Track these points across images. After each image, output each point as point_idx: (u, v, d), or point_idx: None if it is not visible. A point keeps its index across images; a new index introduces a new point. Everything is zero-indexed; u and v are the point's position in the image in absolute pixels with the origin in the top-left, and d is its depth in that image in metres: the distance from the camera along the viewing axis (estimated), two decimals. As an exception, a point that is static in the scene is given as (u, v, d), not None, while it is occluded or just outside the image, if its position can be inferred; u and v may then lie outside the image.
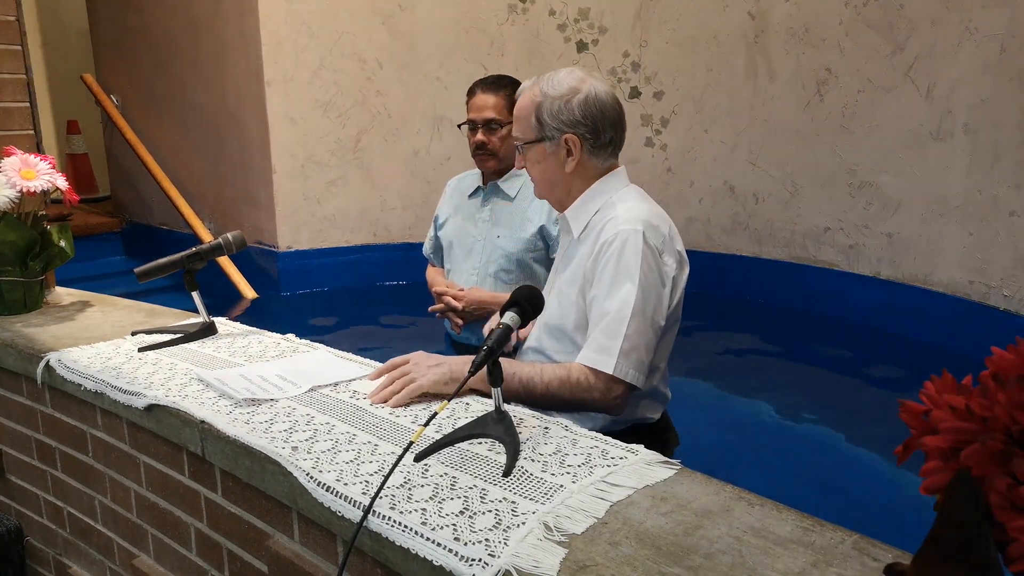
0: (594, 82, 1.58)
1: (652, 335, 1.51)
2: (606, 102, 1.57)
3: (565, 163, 1.59)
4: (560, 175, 1.61)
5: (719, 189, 4.22)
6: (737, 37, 4.01)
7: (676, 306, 1.61)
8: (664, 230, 1.55)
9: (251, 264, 4.38)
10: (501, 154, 2.39)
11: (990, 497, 0.57)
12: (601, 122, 1.57)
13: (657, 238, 1.53)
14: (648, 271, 1.49)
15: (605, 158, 1.61)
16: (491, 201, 2.47)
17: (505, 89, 2.36)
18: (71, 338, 1.77)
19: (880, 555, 0.84)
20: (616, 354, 1.45)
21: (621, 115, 1.61)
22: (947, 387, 0.62)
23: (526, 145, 1.62)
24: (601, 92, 1.57)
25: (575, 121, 1.56)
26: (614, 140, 1.61)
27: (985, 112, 3.19)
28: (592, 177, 1.62)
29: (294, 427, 1.24)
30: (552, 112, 1.56)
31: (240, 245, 1.77)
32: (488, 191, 2.48)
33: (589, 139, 1.58)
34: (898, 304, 3.54)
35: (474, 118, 2.37)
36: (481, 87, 2.39)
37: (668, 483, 1.02)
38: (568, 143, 1.57)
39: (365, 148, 4.39)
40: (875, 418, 2.76)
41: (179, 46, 4.69)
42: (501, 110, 2.35)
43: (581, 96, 1.55)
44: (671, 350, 1.69)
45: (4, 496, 2.00)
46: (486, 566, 0.86)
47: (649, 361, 1.51)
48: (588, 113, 1.55)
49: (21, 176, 1.89)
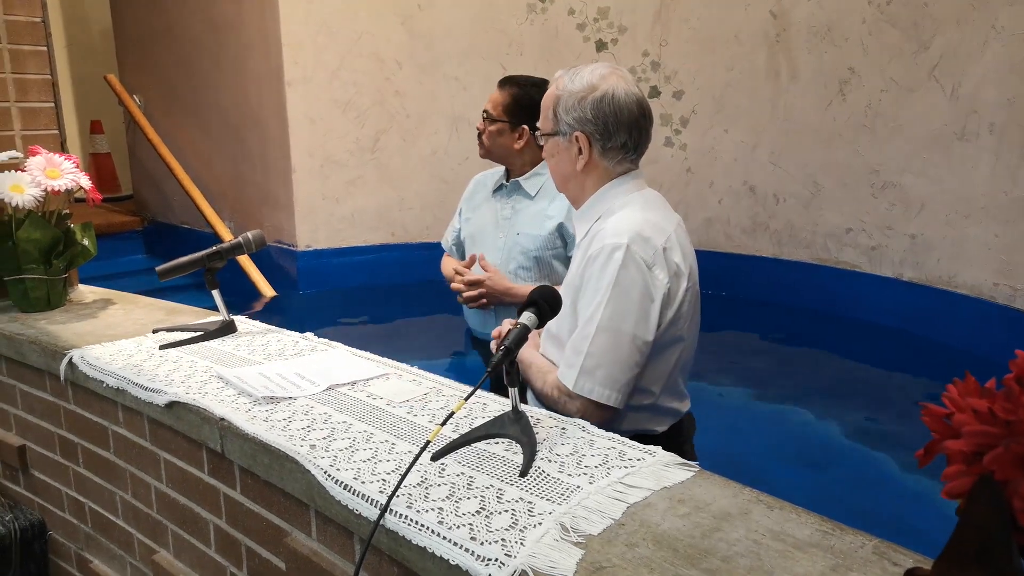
0: (617, 81, 1.53)
1: (631, 351, 1.45)
2: (624, 103, 1.51)
3: (576, 160, 1.56)
4: (572, 171, 1.59)
5: (739, 189, 4.19)
6: (758, 36, 3.98)
7: (678, 321, 1.53)
8: (657, 242, 1.48)
9: (270, 263, 4.41)
10: (487, 147, 2.44)
11: (1013, 502, 0.56)
12: (614, 124, 1.51)
13: (647, 251, 1.46)
14: (630, 285, 1.44)
15: (619, 161, 1.56)
16: (512, 198, 2.49)
17: (509, 88, 2.40)
18: (93, 335, 1.79)
19: (900, 560, 0.83)
20: (577, 370, 1.45)
21: (641, 118, 1.54)
22: (970, 390, 0.61)
23: (544, 136, 1.61)
24: (620, 93, 1.51)
25: (586, 119, 1.52)
26: (629, 144, 1.54)
27: (1011, 112, 3.14)
28: (604, 179, 1.57)
29: (312, 425, 1.24)
30: (567, 107, 1.53)
31: (260, 244, 1.79)
32: (510, 188, 2.49)
33: (599, 139, 1.53)
34: (921, 306, 3.50)
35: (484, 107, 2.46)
36: (499, 82, 2.47)
37: (686, 485, 1.02)
38: (579, 141, 1.54)
39: (383, 148, 4.41)
40: (897, 421, 2.73)
41: (201, 47, 4.73)
42: (496, 106, 2.40)
43: (597, 95, 1.51)
44: (681, 366, 1.61)
45: (28, 491, 2.03)
46: (502, 566, 0.86)
47: (631, 378, 1.47)
48: (600, 113, 1.51)
49: (46, 175, 1.92)
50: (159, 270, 1.75)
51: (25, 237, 1.92)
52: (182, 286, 3.82)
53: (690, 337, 1.61)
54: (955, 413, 0.61)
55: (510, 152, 2.42)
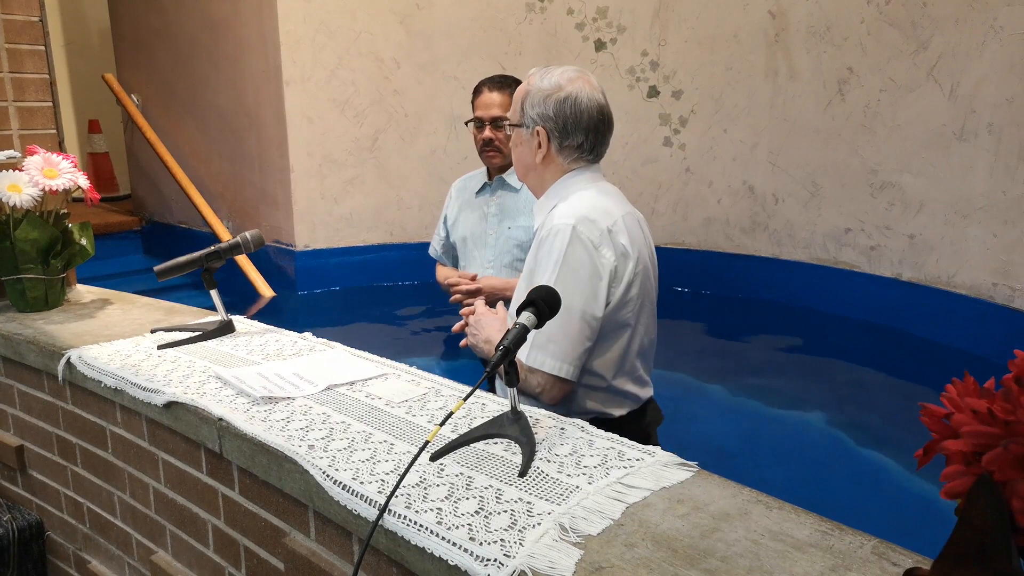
0: (582, 86, 1.63)
1: (581, 326, 1.54)
2: (585, 107, 1.61)
3: (536, 153, 1.67)
4: (532, 163, 1.69)
5: (738, 189, 4.19)
6: (757, 35, 3.98)
7: (626, 305, 1.61)
8: (604, 224, 1.57)
9: (268, 263, 4.41)
10: (507, 150, 2.42)
11: (1012, 502, 0.56)
12: (573, 124, 1.62)
13: (593, 231, 1.55)
14: (577, 264, 1.54)
15: (574, 159, 1.67)
16: (498, 194, 2.52)
17: (511, 87, 2.41)
18: (91, 335, 1.79)
19: (900, 560, 0.83)
20: (530, 345, 1.54)
21: (600, 123, 1.65)
22: (969, 390, 0.61)
23: (510, 126, 1.73)
24: (584, 97, 1.62)
25: (547, 116, 1.63)
26: (585, 145, 1.65)
27: (1010, 112, 3.14)
28: (559, 173, 1.68)
29: (310, 425, 1.24)
30: (533, 103, 1.65)
31: (258, 244, 1.78)
32: (494, 185, 2.53)
33: (558, 136, 1.64)
34: (920, 306, 3.50)
35: (481, 116, 2.44)
36: (488, 85, 2.46)
37: (685, 485, 1.02)
38: (539, 135, 1.65)
39: (382, 147, 4.41)
40: (895, 421, 2.73)
41: (199, 46, 4.73)
42: (508, 107, 2.37)
43: (561, 95, 1.62)
44: (640, 353, 1.68)
45: (26, 491, 2.03)
46: (501, 566, 0.86)
47: (583, 351, 1.56)
48: (561, 112, 1.62)
49: (44, 175, 1.92)
50: (157, 270, 1.75)
51: (23, 237, 1.91)
52: (180, 286, 3.83)
53: (643, 326, 1.68)
54: (954, 413, 0.61)
55: None
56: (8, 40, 2.26)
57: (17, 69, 2.28)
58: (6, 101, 2.26)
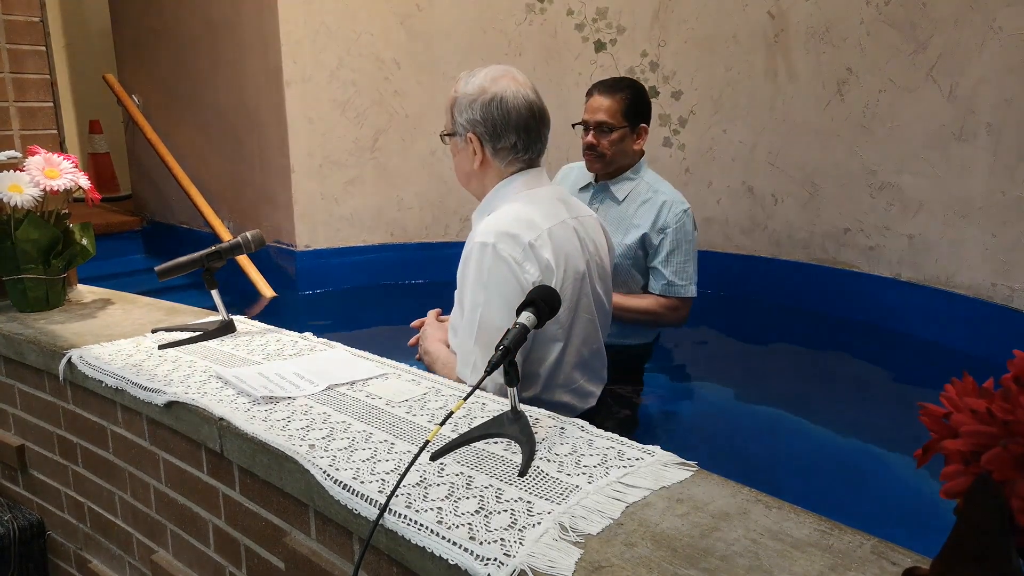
0: (508, 84, 1.58)
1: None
2: (512, 106, 1.57)
3: (473, 159, 1.63)
4: (471, 170, 1.65)
5: (738, 189, 4.19)
6: (757, 36, 3.99)
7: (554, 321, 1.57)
8: (526, 238, 1.52)
9: (269, 263, 4.41)
10: (609, 157, 2.37)
11: (1011, 502, 0.56)
12: (502, 125, 1.57)
13: (515, 248, 1.51)
14: (501, 282, 1.50)
15: (509, 161, 1.62)
16: (599, 200, 2.43)
17: (621, 92, 2.35)
18: (92, 335, 1.79)
19: (899, 559, 0.84)
20: (462, 363, 1.55)
21: (531, 120, 1.59)
22: (968, 390, 0.62)
23: (446, 136, 1.68)
24: (510, 95, 1.57)
25: (476, 121, 1.59)
26: (519, 145, 1.59)
27: (1009, 112, 3.15)
28: (498, 178, 1.64)
29: (311, 425, 1.24)
30: (460, 109, 1.61)
31: (259, 244, 1.79)
32: (598, 189, 2.44)
33: (489, 140, 1.59)
34: (919, 307, 3.51)
35: (587, 119, 2.37)
36: (599, 89, 2.39)
37: (685, 485, 1.02)
38: (472, 141, 1.61)
39: (382, 148, 4.41)
40: (895, 421, 2.73)
41: (200, 47, 4.73)
42: (614, 113, 2.33)
43: (486, 97, 1.58)
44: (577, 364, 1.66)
45: (26, 491, 2.03)
46: (501, 565, 0.86)
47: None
48: (489, 115, 1.57)
49: (44, 175, 1.92)
50: (158, 270, 1.75)
51: (24, 237, 1.92)
52: (181, 286, 3.83)
53: (579, 338, 1.65)
54: (953, 413, 0.61)
55: (631, 155, 2.38)
56: (9, 41, 2.26)
57: (18, 70, 2.28)
58: (7, 101, 2.26)
